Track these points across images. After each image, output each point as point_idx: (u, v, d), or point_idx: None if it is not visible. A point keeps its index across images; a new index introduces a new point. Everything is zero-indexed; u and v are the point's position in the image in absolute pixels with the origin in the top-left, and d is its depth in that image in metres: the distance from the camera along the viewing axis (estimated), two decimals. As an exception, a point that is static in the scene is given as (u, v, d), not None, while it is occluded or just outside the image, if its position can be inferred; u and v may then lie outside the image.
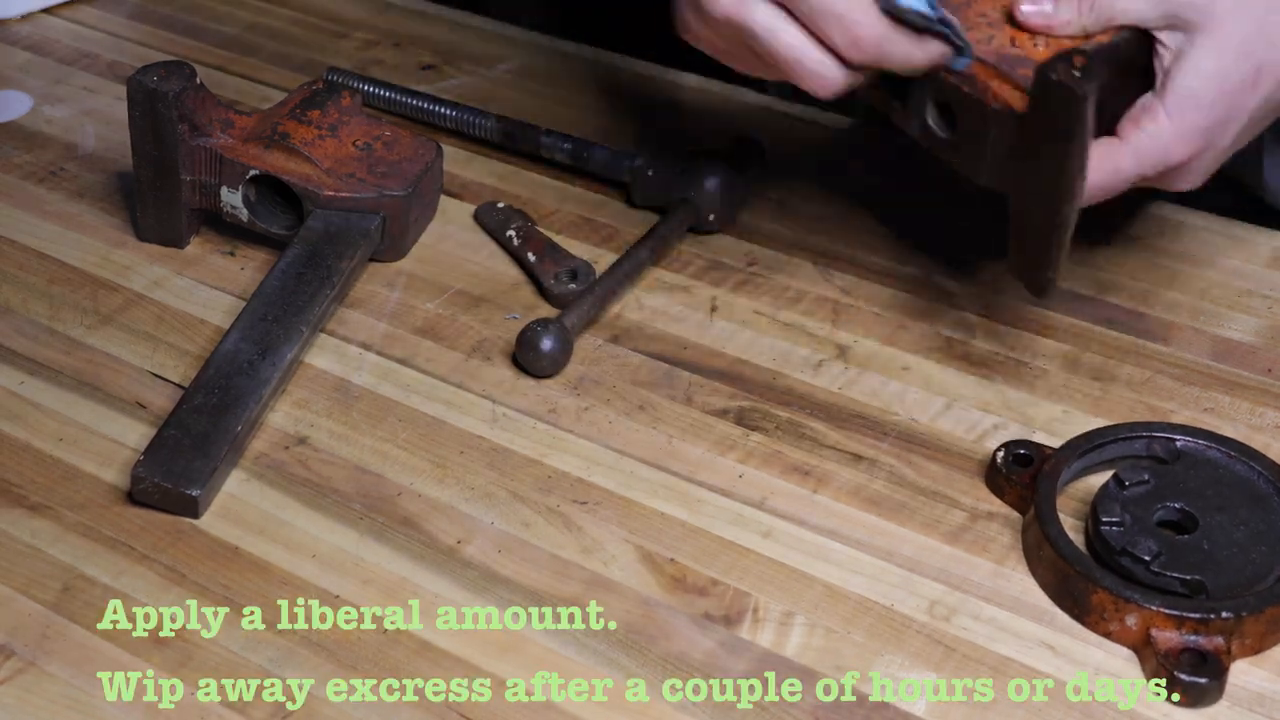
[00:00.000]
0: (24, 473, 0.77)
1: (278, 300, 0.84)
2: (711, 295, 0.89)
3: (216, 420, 0.77)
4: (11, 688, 0.67)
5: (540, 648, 0.68)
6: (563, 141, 0.98)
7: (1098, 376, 0.83)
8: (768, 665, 0.68)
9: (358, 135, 0.92)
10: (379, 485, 0.77)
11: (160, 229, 0.93)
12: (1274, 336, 0.85)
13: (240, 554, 0.73)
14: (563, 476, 0.77)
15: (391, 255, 0.92)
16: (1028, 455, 0.75)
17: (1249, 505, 0.72)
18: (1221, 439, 0.75)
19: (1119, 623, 0.68)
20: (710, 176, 0.92)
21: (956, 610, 0.70)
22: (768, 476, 0.77)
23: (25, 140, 1.03)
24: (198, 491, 0.74)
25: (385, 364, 0.84)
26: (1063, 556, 0.70)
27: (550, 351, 0.82)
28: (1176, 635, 0.67)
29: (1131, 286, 0.89)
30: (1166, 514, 0.72)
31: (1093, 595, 0.68)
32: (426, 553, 0.73)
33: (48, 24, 1.17)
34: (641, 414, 0.81)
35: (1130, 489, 0.72)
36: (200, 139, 0.89)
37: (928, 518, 0.75)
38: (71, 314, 0.88)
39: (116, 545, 0.73)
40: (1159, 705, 0.66)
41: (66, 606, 0.70)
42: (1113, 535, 0.70)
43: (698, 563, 0.72)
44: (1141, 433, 0.76)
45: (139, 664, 0.68)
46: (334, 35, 1.16)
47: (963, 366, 0.84)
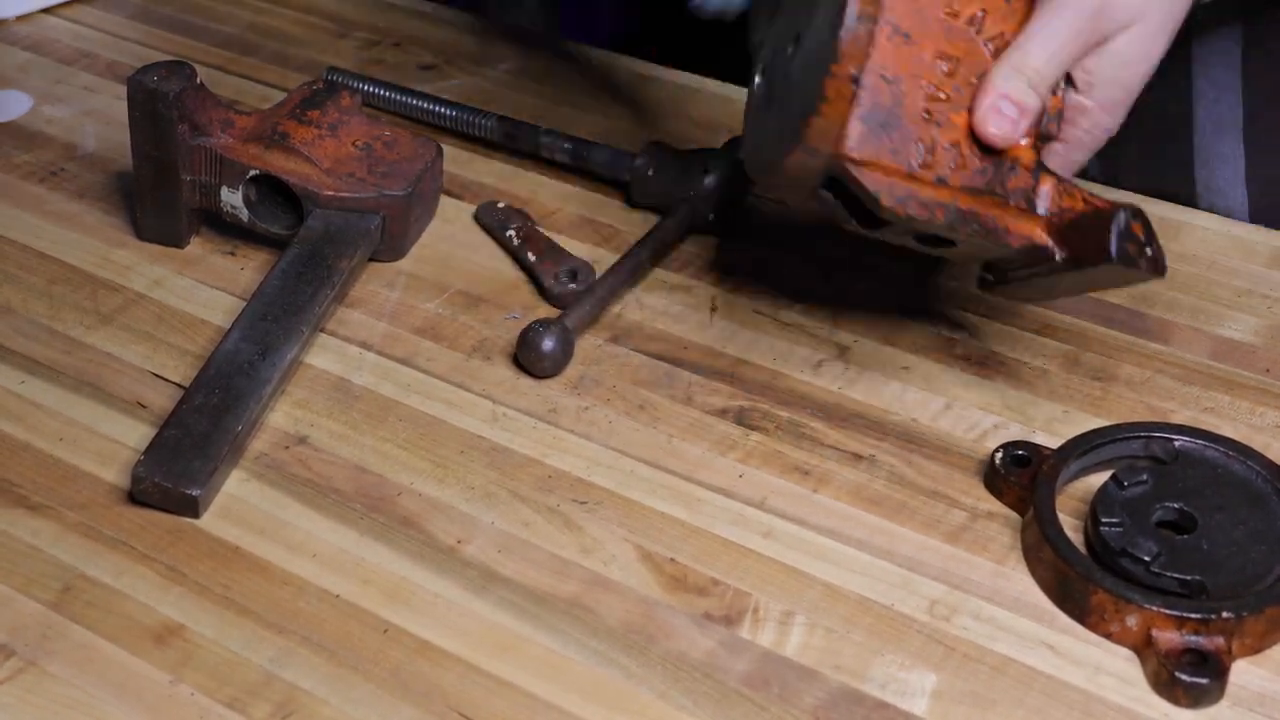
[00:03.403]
0: (24, 473, 0.77)
1: (278, 300, 0.84)
2: (711, 295, 0.89)
3: (217, 420, 0.77)
4: (12, 688, 0.67)
5: (540, 647, 0.68)
6: (563, 141, 0.98)
7: (1098, 376, 0.83)
8: (768, 665, 0.68)
9: (357, 135, 0.92)
10: (379, 485, 0.77)
11: (160, 229, 0.93)
12: (1273, 336, 0.85)
13: (240, 554, 0.73)
14: (563, 476, 0.77)
15: (391, 255, 0.92)
16: (1026, 456, 0.75)
17: (1248, 505, 0.72)
18: (1219, 439, 0.75)
19: (1119, 623, 0.68)
20: (710, 176, 0.92)
21: (957, 610, 0.70)
22: (768, 476, 0.77)
23: (25, 140, 1.04)
24: (198, 491, 0.74)
25: (385, 364, 0.84)
26: (1062, 557, 0.70)
27: (551, 352, 0.82)
28: (1177, 636, 0.67)
29: (1131, 286, 0.89)
30: (1165, 514, 0.72)
31: (1093, 596, 0.68)
32: (426, 552, 0.73)
33: (48, 24, 1.17)
34: (642, 414, 0.81)
35: (1129, 489, 0.72)
36: (200, 139, 0.89)
37: (928, 517, 0.75)
38: (72, 314, 0.88)
39: (117, 545, 0.73)
40: (1159, 704, 0.66)
41: (67, 606, 0.70)
42: (1112, 536, 0.70)
43: (698, 562, 0.73)
44: (1140, 433, 0.76)
45: (139, 664, 0.68)
46: (334, 35, 1.16)
47: (963, 366, 0.84)
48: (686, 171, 0.93)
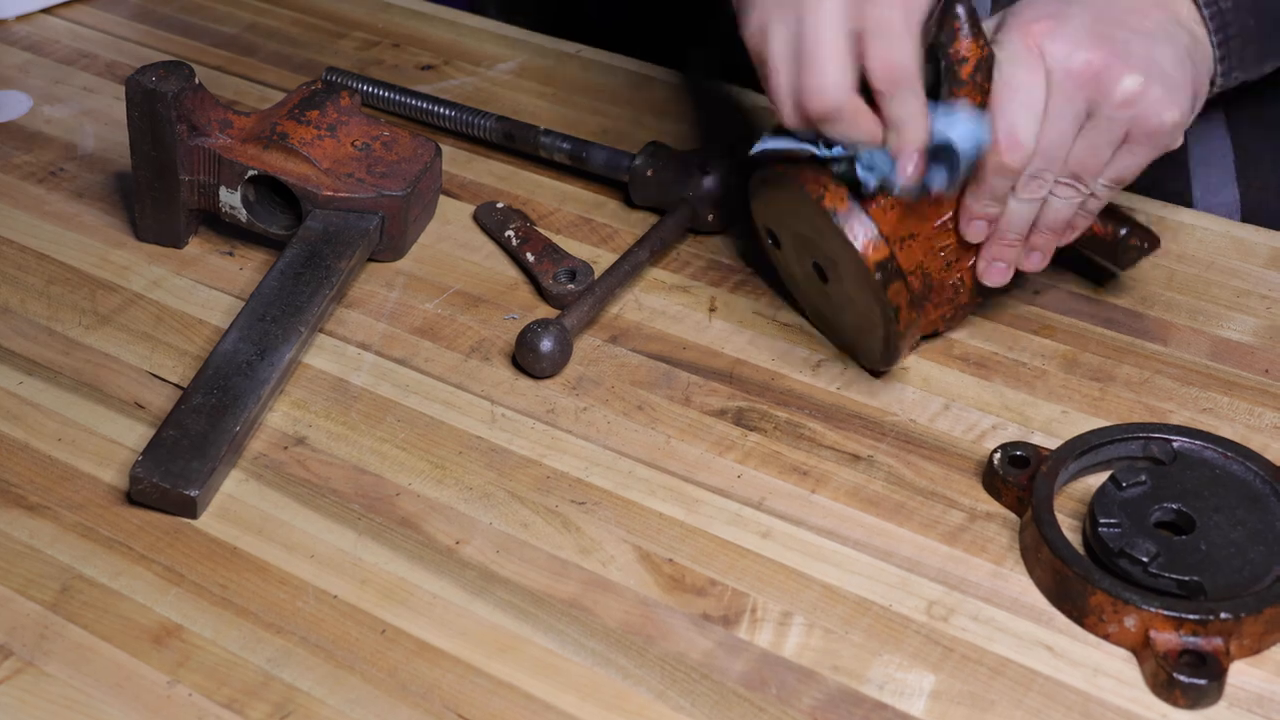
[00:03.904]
0: (22, 473, 0.77)
1: (276, 300, 0.84)
2: (710, 295, 0.89)
3: (215, 420, 0.77)
4: (10, 688, 0.67)
5: (539, 648, 0.68)
6: (562, 141, 0.98)
7: (1096, 377, 0.83)
8: (766, 665, 0.68)
9: (356, 135, 0.92)
10: (377, 485, 0.77)
11: (159, 229, 0.93)
12: (1272, 337, 0.85)
13: (239, 554, 0.73)
14: (561, 477, 0.77)
15: (390, 255, 0.92)
16: (1024, 457, 0.75)
17: (1246, 505, 0.72)
18: (1218, 439, 0.75)
19: (1118, 624, 0.68)
20: (709, 177, 0.92)
21: (955, 610, 0.70)
22: (766, 477, 0.77)
23: (25, 140, 1.04)
24: (196, 492, 0.74)
25: (384, 364, 0.84)
26: (1061, 558, 0.70)
27: (550, 352, 0.82)
28: (1175, 637, 0.67)
29: (1130, 287, 0.89)
30: (1164, 515, 0.72)
31: (1091, 597, 0.68)
32: (425, 553, 0.73)
33: (47, 24, 1.17)
34: (640, 414, 0.81)
35: (1127, 490, 0.72)
36: (199, 139, 0.89)
37: (926, 518, 0.75)
38: (70, 314, 0.88)
39: (115, 545, 0.73)
40: (1157, 705, 0.66)
41: (65, 607, 0.70)
42: (1110, 536, 0.70)
43: (696, 563, 0.72)
44: (1138, 434, 0.76)
45: (138, 664, 0.68)
46: (334, 35, 1.16)
47: (961, 367, 0.84)
48: (686, 172, 0.93)
